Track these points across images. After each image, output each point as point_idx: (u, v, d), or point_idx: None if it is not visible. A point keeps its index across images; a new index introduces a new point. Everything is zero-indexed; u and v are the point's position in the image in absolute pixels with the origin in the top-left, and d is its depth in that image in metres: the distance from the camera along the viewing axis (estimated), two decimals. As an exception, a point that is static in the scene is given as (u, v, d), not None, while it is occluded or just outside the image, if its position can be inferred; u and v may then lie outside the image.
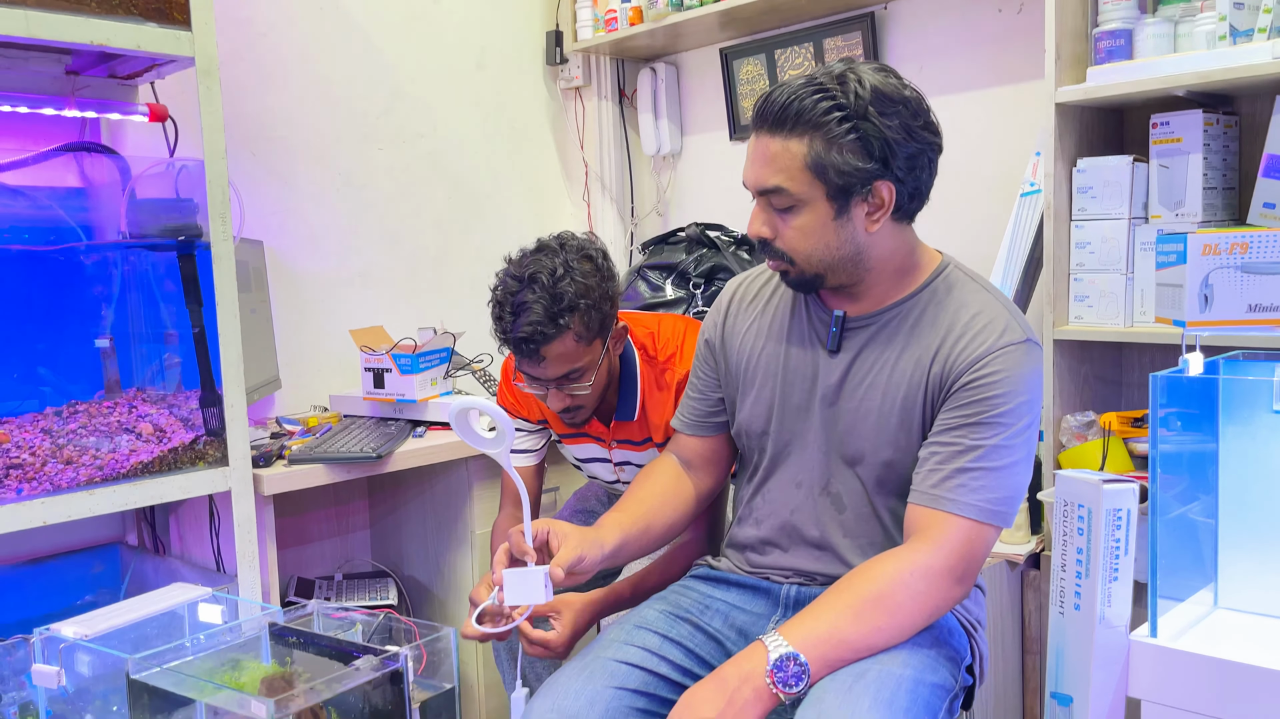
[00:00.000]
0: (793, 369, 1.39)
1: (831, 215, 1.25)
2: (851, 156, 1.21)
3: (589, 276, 1.59)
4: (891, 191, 1.25)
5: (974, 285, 1.34)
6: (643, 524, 1.41)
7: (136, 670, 1.23)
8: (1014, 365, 1.26)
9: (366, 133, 2.58)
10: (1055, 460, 1.94)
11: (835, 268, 1.29)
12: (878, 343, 1.33)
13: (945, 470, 1.24)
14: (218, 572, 1.95)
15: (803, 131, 1.22)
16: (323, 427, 2.20)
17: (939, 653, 1.27)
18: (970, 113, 2.35)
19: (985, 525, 1.23)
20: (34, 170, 1.90)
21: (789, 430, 1.39)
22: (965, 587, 1.25)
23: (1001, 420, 1.24)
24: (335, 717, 1.25)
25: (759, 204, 1.30)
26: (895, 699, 1.15)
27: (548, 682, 1.34)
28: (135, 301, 1.94)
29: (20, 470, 1.60)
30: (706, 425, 1.51)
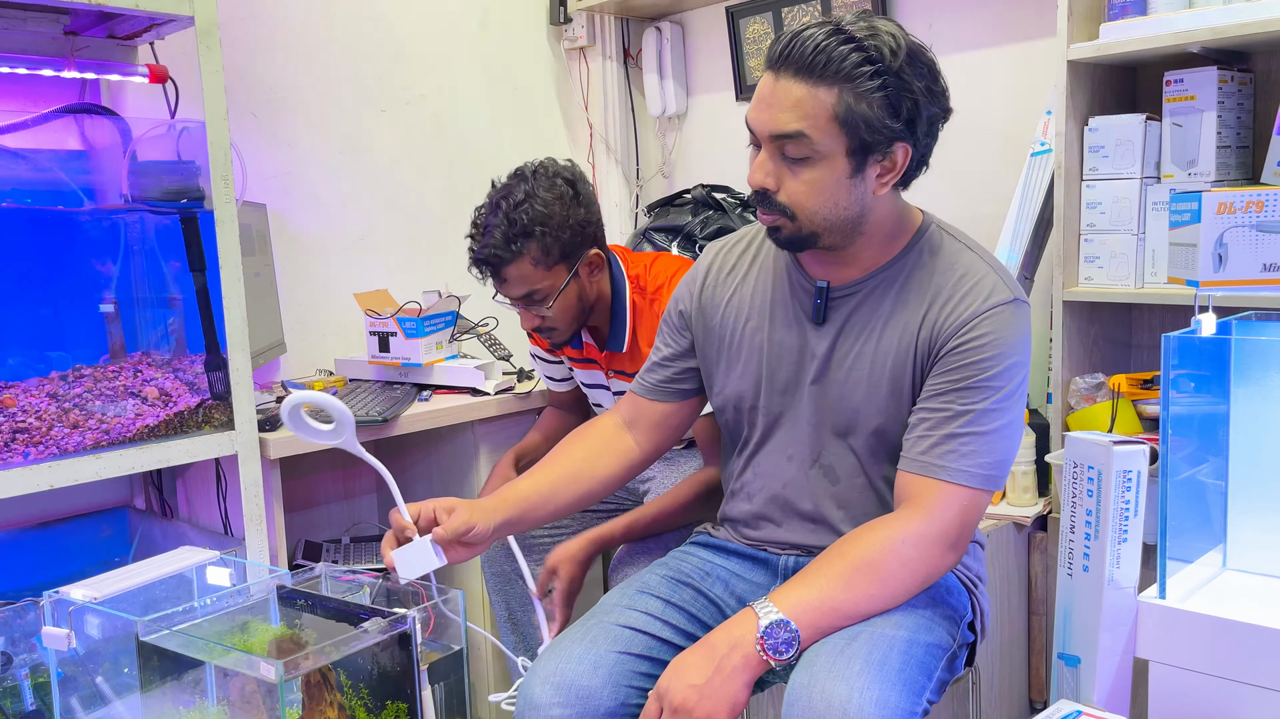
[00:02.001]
0: (778, 343, 1.36)
1: (848, 173, 1.21)
2: (881, 112, 1.17)
3: (551, 204, 1.66)
4: (907, 154, 1.22)
5: (957, 245, 1.31)
6: (548, 491, 1.39)
7: (146, 633, 1.23)
8: (1002, 326, 1.23)
9: (369, 94, 2.55)
10: (1064, 422, 1.93)
11: (834, 228, 1.25)
12: (864, 311, 1.31)
13: (935, 437, 1.22)
14: (225, 535, 1.95)
15: (833, 81, 1.16)
16: (328, 390, 2.20)
17: (935, 612, 1.26)
18: (980, 71, 2.31)
19: (977, 491, 1.22)
20: (34, 133, 1.88)
21: (778, 404, 1.37)
22: (958, 553, 1.24)
23: (991, 384, 1.22)
24: (344, 678, 1.25)
25: (766, 151, 1.23)
26: (887, 660, 1.14)
27: (550, 645, 1.35)
28: (138, 265, 1.92)
29: (27, 434, 1.60)
30: (669, 392, 1.48)
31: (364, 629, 1.24)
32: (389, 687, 1.26)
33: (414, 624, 1.25)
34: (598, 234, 1.77)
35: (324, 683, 1.22)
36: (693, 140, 2.94)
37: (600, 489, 1.46)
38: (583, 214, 1.71)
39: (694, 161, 2.94)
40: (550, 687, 1.26)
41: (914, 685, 1.16)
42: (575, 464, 1.44)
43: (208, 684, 1.26)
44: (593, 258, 1.74)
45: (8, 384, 1.69)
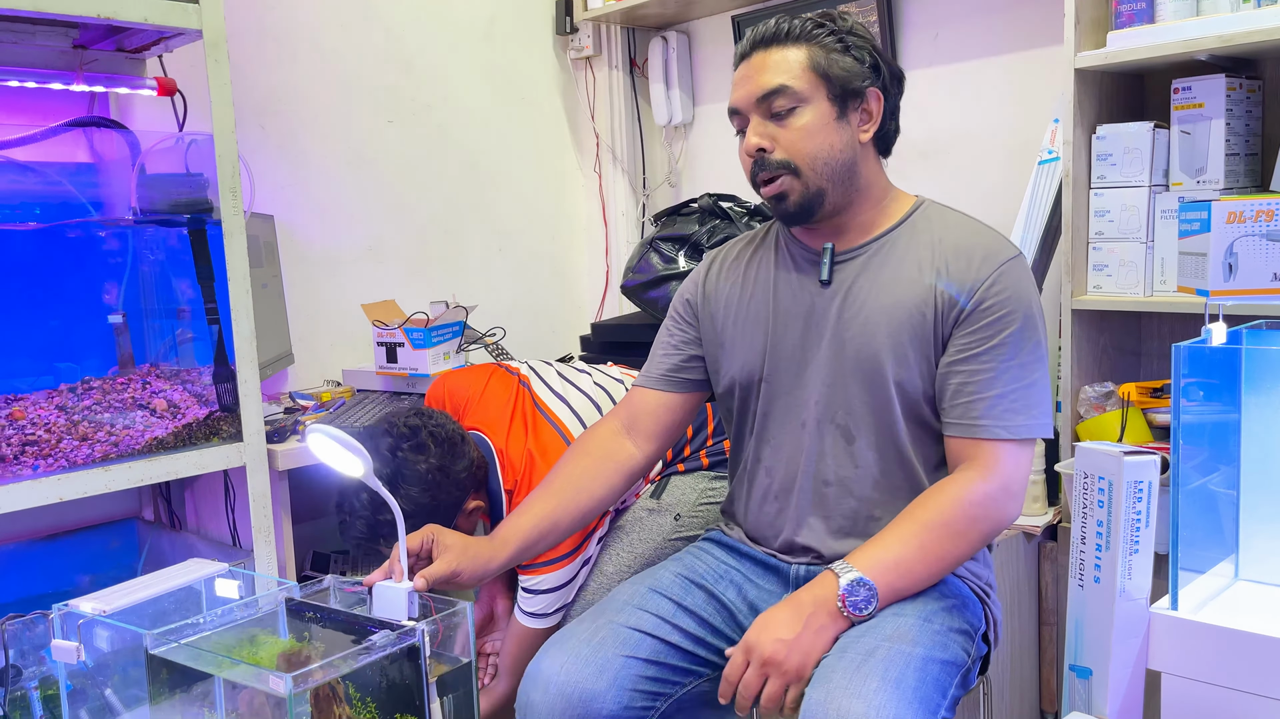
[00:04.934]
0: (784, 310, 1.40)
1: (833, 115, 1.31)
2: (847, 61, 1.31)
3: (417, 497, 1.58)
4: (880, 102, 1.33)
5: (952, 214, 1.38)
6: (549, 523, 1.39)
7: (155, 645, 1.23)
8: (1016, 280, 1.29)
9: (376, 105, 2.56)
10: (1073, 432, 1.92)
11: (835, 178, 1.32)
12: (869, 271, 1.35)
13: (985, 399, 1.27)
14: (234, 547, 1.96)
15: (799, 42, 1.31)
16: (336, 401, 2.20)
17: (951, 628, 1.27)
18: (987, 79, 2.31)
19: (1025, 442, 1.28)
20: (43, 146, 1.89)
21: (786, 371, 1.39)
22: (1019, 502, 1.29)
23: (1020, 337, 1.28)
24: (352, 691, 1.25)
25: (755, 119, 1.33)
26: (904, 678, 1.14)
27: (555, 639, 1.34)
28: (147, 277, 1.93)
29: (36, 447, 1.61)
30: (674, 381, 1.49)
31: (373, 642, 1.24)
32: (397, 699, 1.25)
33: (423, 637, 1.24)
34: (470, 479, 1.68)
35: (333, 696, 1.22)
36: (699, 149, 2.94)
37: (602, 505, 1.46)
38: (450, 492, 1.62)
39: (701, 171, 2.94)
40: (552, 692, 1.27)
41: (929, 704, 1.15)
42: (575, 485, 1.44)
43: (216, 697, 1.26)
44: (471, 509, 1.68)
45: (17, 396, 1.70)
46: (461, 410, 1.80)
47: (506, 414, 1.74)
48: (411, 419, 1.64)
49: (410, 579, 1.27)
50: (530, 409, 1.76)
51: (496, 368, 1.88)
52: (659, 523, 1.76)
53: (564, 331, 2.98)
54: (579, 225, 3.05)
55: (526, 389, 1.80)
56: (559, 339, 2.95)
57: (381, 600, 1.27)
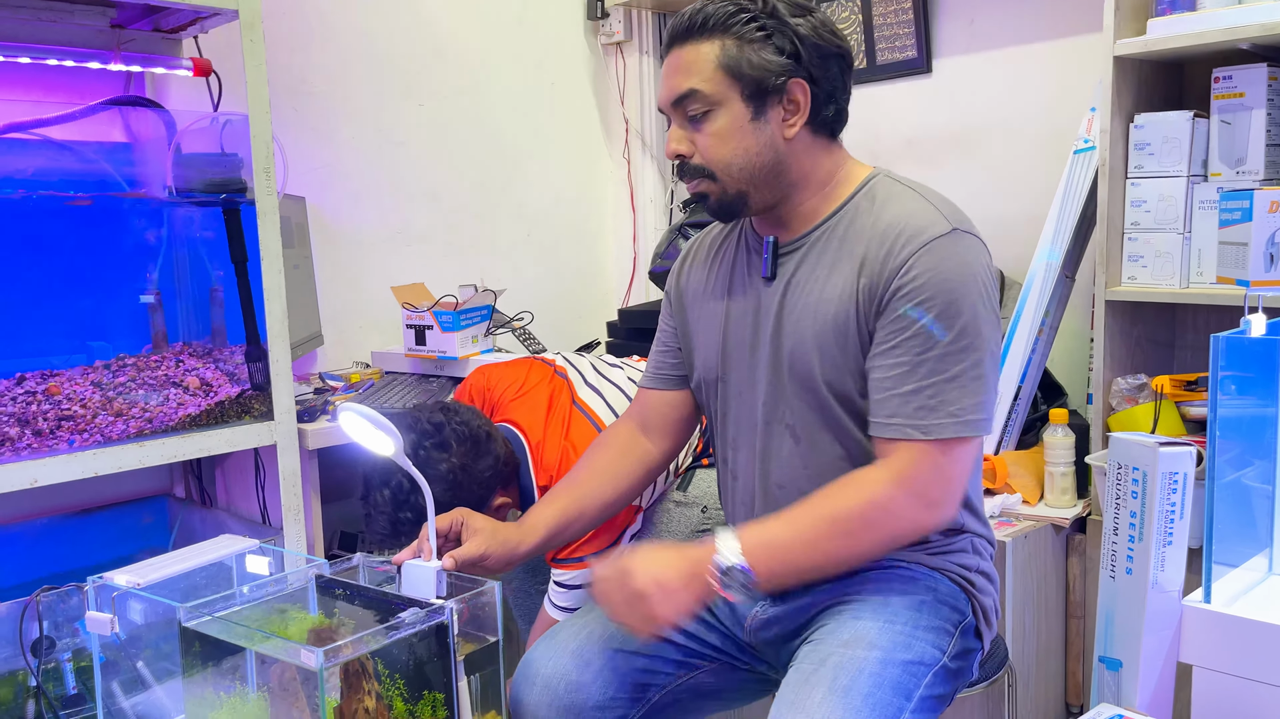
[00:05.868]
0: (736, 306, 1.35)
1: (748, 117, 1.22)
2: (764, 52, 1.20)
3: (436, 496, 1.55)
4: (805, 92, 1.22)
5: (902, 190, 1.25)
6: (576, 511, 1.39)
7: (188, 619, 1.24)
8: (940, 260, 1.17)
9: (407, 88, 2.57)
10: (1104, 424, 1.91)
11: (757, 180, 1.24)
12: (808, 263, 1.27)
13: (897, 395, 1.18)
14: (263, 524, 1.97)
15: (712, 35, 1.21)
16: (365, 382, 2.22)
17: (920, 625, 1.21)
18: (1022, 67, 2.29)
19: (951, 442, 1.16)
20: (80, 125, 1.91)
21: (738, 370, 1.34)
22: (943, 509, 1.19)
23: (940, 325, 1.16)
24: (381, 668, 1.26)
25: (674, 122, 1.26)
26: (854, 685, 1.11)
27: (546, 634, 1.36)
28: (181, 256, 1.95)
29: (72, 422, 1.63)
30: (668, 378, 1.47)
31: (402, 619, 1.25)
32: (425, 677, 1.26)
33: (451, 615, 1.25)
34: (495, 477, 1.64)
35: (362, 672, 1.23)
36: (729, 136, 2.92)
37: (626, 497, 1.46)
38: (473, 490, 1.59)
39: (730, 157, 2.92)
40: (538, 684, 1.29)
41: (885, 708, 1.11)
42: (599, 476, 1.44)
43: (248, 671, 1.27)
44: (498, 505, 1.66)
45: (53, 372, 1.72)
46: (497, 404, 1.80)
47: (543, 410, 1.74)
48: (435, 416, 1.63)
49: (438, 559, 1.27)
50: (567, 404, 1.75)
51: (535, 361, 1.88)
52: (686, 515, 1.77)
53: (590, 317, 2.98)
54: (607, 211, 3.05)
55: (564, 381, 1.80)
56: (585, 325, 2.96)
57: (410, 579, 1.28)
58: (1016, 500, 1.95)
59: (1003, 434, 2.02)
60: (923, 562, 1.28)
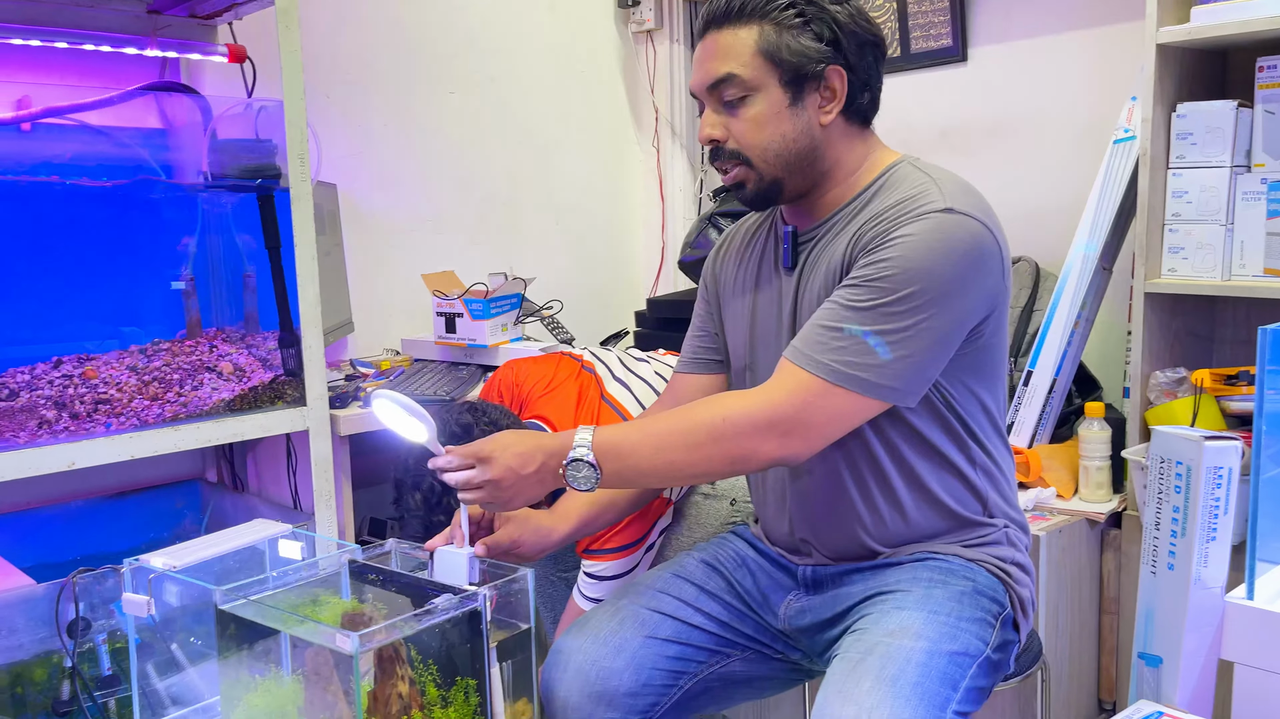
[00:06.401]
0: (762, 297, 1.35)
1: (786, 103, 1.21)
2: (803, 39, 1.20)
3: None
4: (843, 79, 1.22)
5: (919, 175, 1.23)
6: (608, 499, 1.39)
7: (224, 601, 1.25)
8: (921, 232, 1.14)
9: (439, 76, 2.57)
10: (1141, 418, 1.88)
11: (792, 167, 1.23)
12: (827, 250, 1.26)
13: (814, 326, 1.17)
14: (294, 509, 1.99)
15: (751, 20, 1.20)
16: (395, 369, 2.22)
17: (963, 617, 1.20)
18: (1060, 56, 2.26)
19: (833, 387, 1.14)
20: (115, 111, 1.92)
21: (766, 361, 1.34)
22: (792, 444, 1.16)
23: (888, 285, 1.13)
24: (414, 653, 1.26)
25: (709, 107, 1.25)
26: (901, 675, 1.10)
27: (578, 621, 1.36)
28: (214, 242, 1.96)
29: (108, 405, 1.64)
30: (702, 363, 1.46)
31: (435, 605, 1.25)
32: (458, 663, 1.26)
33: (484, 602, 1.25)
34: None
35: (396, 657, 1.23)
36: (759, 125, 2.91)
37: None
38: None
39: (760, 147, 2.91)
40: (570, 672, 1.29)
41: (934, 699, 1.10)
42: None
43: (282, 654, 1.28)
44: None
45: (89, 356, 1.73)
46: (526, 399, 1.80)
47: (572, 405, 1.74)
48: (464, 417, 1.63)
49: (471, 546, 1.28)
50: (596, 399, 1.75)
51: (563, 357, 1.88)
52: (715, 508, 1.77)
53: (618, 307, 2.97)
54: (635, 200, 3.04)
55: (593, 376, 1.80)
56: (613, 314, 2.95)
57: (442, 565, 1.28)
58: (1050, 494, 1.93)
59: (1037, 427, 2.00)
60: (959, 553, 1.27)
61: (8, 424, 1.55)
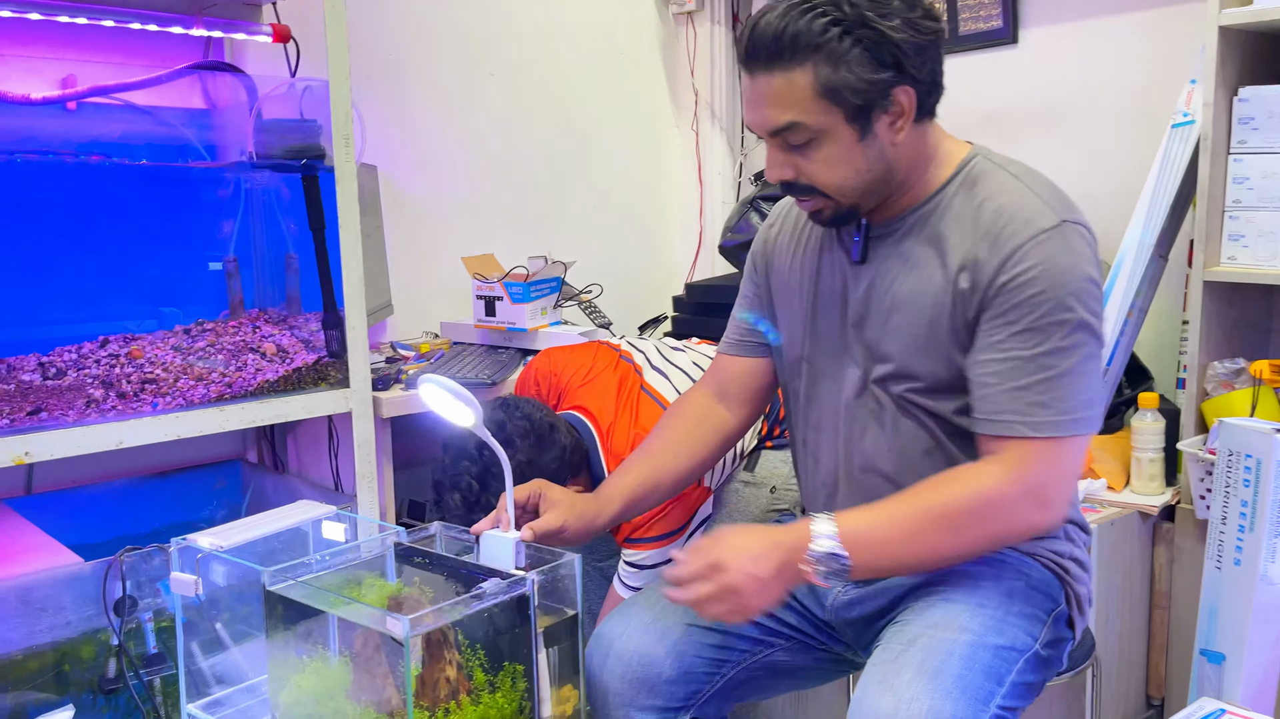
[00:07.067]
0: (823, 285, 1.30)
1: (856, 139, 1.15)
2: (863, 70, 1.11)
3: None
4: (911, 96, 1.14)
5: (1003, 174, 1.19)
6: (651, 483, 1.37)
7: (273, 582, 1.25)
8: (1051, 254, 1.11)
9: (479, 58, 2.55)
10: (1197, 410, 1.84)
11: (868, 191, 1.19)
12: (903, 249, 1.22)
13: (1005, 390, 1.13)
14: (335, 491, 1.99)
15: (804, 58, 1.11)
16: (435, 353, 2.21)
17: (1012, 610, 1.18)
18: (1115, 37, 2.20)
19: (1065, 439, 1.12)
20: (158, 91, 1.91)
21: (826, 353, 1.30)
22: (1055, 509, 1.14)
23: (1051, 320, 1.11)
24: (461, 638, 1.25)
25: (772, 146, 1.18)
26: (944, 668, 1.07)
27: (620, 606, 1.35)
28: (258, 223, 1.96)
29: (154, 385, 1.64)
30: (749, 345, 1.42)
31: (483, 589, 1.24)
32: (505, 648, 1.25)
33: (532, 587, 1.24)
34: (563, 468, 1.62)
35: (444, 641, 1.22)
36: (801, 109, 2.87)
37: (701, 467, 1.44)
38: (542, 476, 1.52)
39: (802, 131, 2.87)
40: (611, 658, 1.28)
41: (976, 693, 1.08)
42: (673, 448, 1.41)
43: (330, 635, 1.27)
44: None
45: (134, 336, 1.74)
46: (564, 389, 1.78)
47: (612, 396, 1.72)
48: (496, 414, 1.61)
49: (516, 530, 1.26)
50: (635, 390, 1.73)
51: (601, 346, 1.86)
52: (756, 495, 1.75)
53: (655, 292, 2.95)
54: (674, 184, 3.01)
55: (631, 366, 1.78)
56: (650, 299, 2.93)
57: (488, 549, 1.27)
58: (1101, 486, 1.90)
59: (1087, 418, 1.96)
60: (1015, 547, 1.24)
61: (56, 402, 1.56)
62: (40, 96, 1.73)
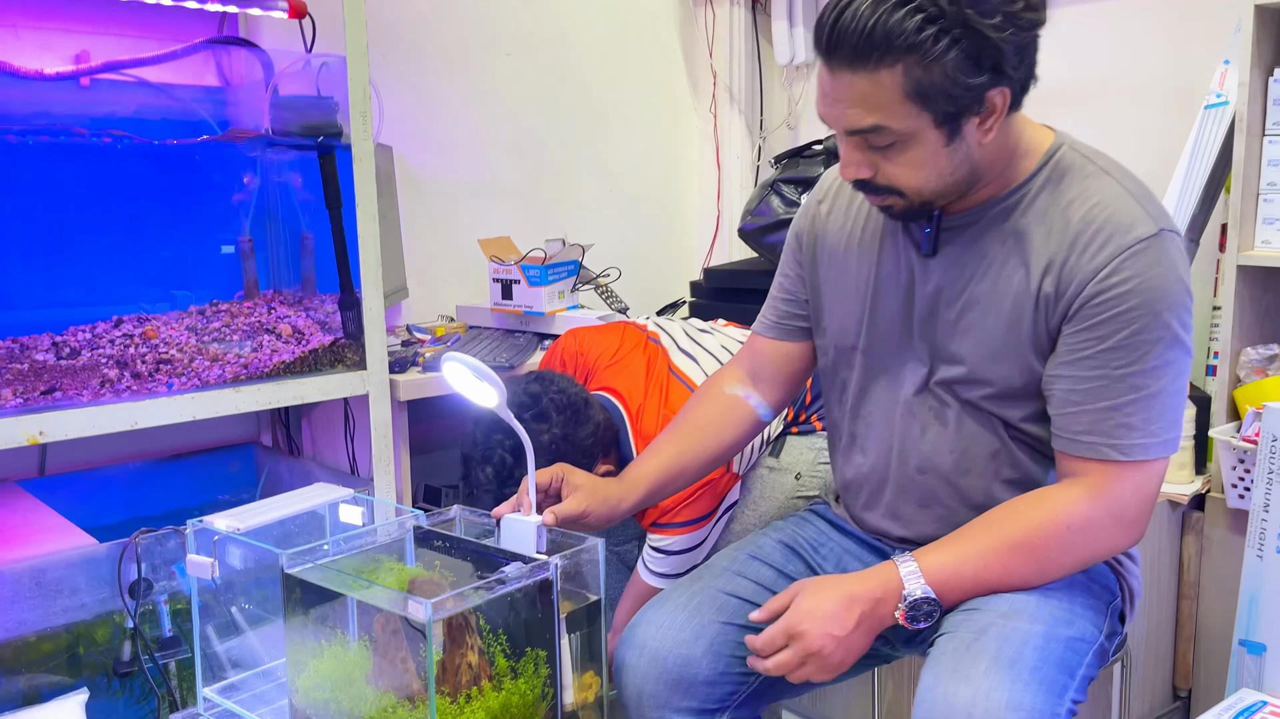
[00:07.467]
0: (885, 275, 1.23)
1: (943, 142, 1.07)
2: (958, 73, 1.01)
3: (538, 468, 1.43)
4: (1006, 96, 1.06)
5: (1092, 168, 1.12)
6: (677, 467, 1.34)
7: (291, 565, 1.23)
8: (1149, 266, 1.05)
9: (494, 37, 2.51)
10: (1229, 397, 1.80)
11: (947, 192, 1.12)
12: (979, 244, 1.15)
13: (1094, 410, 1.08)
14: (352, 475, 1.96)
15: (894, 59, 1.00)
16: (451, 336, 2.19)
17: (1077, 602, 1.15)
18: (1147, 16, 2.16)
19: (1150, 463, 1.09)
20: (173, 69, 1.88)
21: (882, 344, 1.24)
22: (1137, 530, 1.13)
23: (1146, 338, 1.05)
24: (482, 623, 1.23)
25: (849, 143, 1.10)
26: (1020, 658, 1.04)
27: (652, 603, 1.31)
28: (273, 202, 1.93)
29: (169, 366, 1.62)
30: (787, 329, 1.37)
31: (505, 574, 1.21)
32: (527, 633, 1.23)
33: (556, 571, 1.21)
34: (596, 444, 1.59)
35: (466, 626, 1.20)
36: (821, 91, 2.82)
37: (729, 451, 1.40)
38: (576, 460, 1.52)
39: (821, 113, 2.83)
40: (646, 657, 1.24)
41: (1053, 686, 1.05)
42: (701, 430, 1.38)
43: (349, 619, 1.25)
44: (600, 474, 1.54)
45: (148, 316, 1.71)
46: (591, 370, 1.75)
47: (641, 378, 1.69)
48: (532, 386, 1.58)
49: (538, 514, 1.24)
50: (664, 372, 1.70)
51: (628, 326, 1.83)
52: (780, 482, 1.72)
53: (671, 277, 2.92)
54: (691, 168, 2.97)
55: (659, 348, 1.75)
56: (666, 284, 2.90)
57: (509, 533, 1.25)
58: (1129, 474, 1.86)
59: (1114, 405, 1.92)
60: None
61: (71, 382, 1.53)
62: (53, 72, 1.71)
